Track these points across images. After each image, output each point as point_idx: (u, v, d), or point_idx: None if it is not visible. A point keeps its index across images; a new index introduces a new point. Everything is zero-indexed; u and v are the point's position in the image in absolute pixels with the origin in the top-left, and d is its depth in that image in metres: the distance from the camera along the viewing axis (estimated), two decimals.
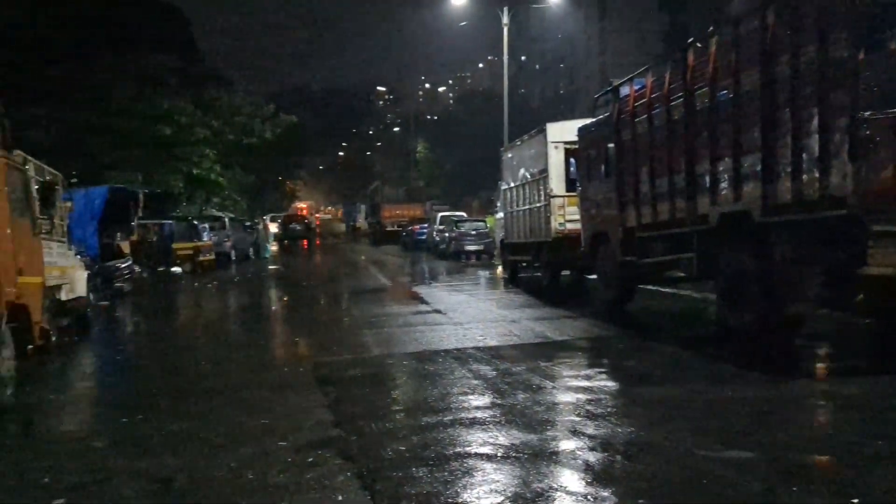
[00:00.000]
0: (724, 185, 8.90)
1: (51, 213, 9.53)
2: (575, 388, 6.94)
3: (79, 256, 13.96)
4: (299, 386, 7.65)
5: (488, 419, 5.90)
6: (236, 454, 5.37)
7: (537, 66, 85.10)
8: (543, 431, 5.58)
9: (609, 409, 6.11)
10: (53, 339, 10.79)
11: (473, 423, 5.84)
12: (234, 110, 40.00)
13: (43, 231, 10.09)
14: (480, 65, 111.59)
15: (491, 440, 5.35)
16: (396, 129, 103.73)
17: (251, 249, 32.36)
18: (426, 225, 40.72)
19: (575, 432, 5.53)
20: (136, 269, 22.44)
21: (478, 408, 6.31)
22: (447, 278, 22.99)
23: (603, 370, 7.76)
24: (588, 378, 7.37)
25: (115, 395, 8.16)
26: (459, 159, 66.08)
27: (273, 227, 46.09)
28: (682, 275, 10.82)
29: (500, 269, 21.91)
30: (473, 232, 30.99)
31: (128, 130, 32.03)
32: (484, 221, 32.69)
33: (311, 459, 5.16)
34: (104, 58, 31.44)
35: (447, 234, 31.97)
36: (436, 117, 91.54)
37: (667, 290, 14.47)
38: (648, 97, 10.72)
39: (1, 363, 6.94)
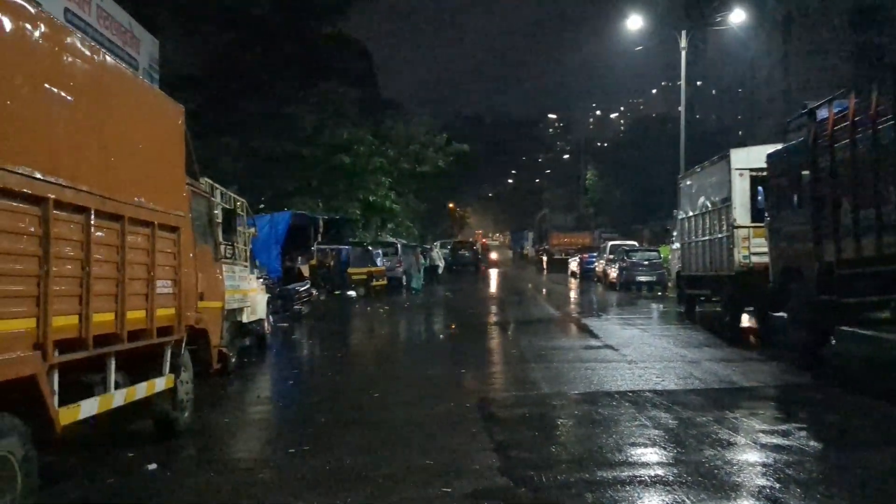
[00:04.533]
0: None
1: (232, 238, 9.85)
2: (770, 445, 6.18)
3: (261, 280, 14.50)
4: (465, 423, 7.36)
5: (672, 478, 5.32)
6: (399, 498, 5.13)
7: (714, 91, 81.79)
8: (737, 498, 4.94)
9: (814, 476, 5.36)
10: (233, 361, 11.21)
11: (655, 481, 5.28)
12: (408, 139, 40.97)
13: (225, 256, 10.48)
14: (654, 91, 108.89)
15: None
16: (566, 156, 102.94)
17: (403, 278, 32.67)
18: (594, 254, 39.74)
19: (775, 502, 4.84)
20: (314, 292, 23.26)
21: (659, 463, 5.74)
22: (618, 310, 22.16)
23: (801, 425, 6.90)
24: (785, 435, 6.56)
25: (285, 422, 8.21)
26: (630, 187, 64.38)
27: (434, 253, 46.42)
28: (891, 317, 9.62)
29: (675, 302, 20.81)
30: (646, 262, 29.81)
31: (311, 159, 33.53)
32: (657, 251, 31.40)
33: None
34: (294, 91, 33.13)
35: (618, 264, 30.95)
36: (606, 144, 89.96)
37: (866, 332, 13.02)
38: (852, 120, 9.68)
39: (180, 386, 7.10)
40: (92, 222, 5.23)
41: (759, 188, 13.76)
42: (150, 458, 6.30)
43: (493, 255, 70.72)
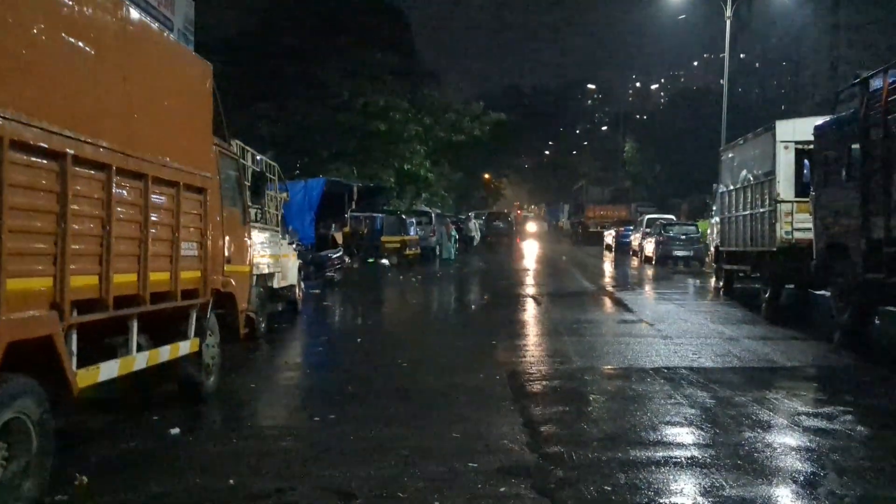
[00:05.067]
0: None
1: (262, 202, 9.70)
2: (813, 428, 5.89)
3: (293, 246, 14.41)
4: (494, 396, 7.17)
5: (709, 460, 5.07)
6: (425, 472, 4.95)
7: (757, 64, 79.87)
8: (780, 483, 4.69)
9: (861, 462, 5.08)
10: (262, 326, 11.13)
11: (692, 463, 5.04)
12: (444, 107, 40.54)
13: (254, 220, 10.35)
14: (695, 62, 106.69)
15: (714, 488, 4.56)
16: (604, 128, 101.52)
17: (437, 248, 32.45)
18: (631, 227, 39.18)
19: (819, 488, 4.59)
20: (347, 259, 23.19)
21: (696, 444, 5.49)
22: (653, 285, 21.79)
23: (846, 409, 6.57)
24: (829, 418, 6.25)
25: (311, 389, 8.10)
26: (669, 160, 63.32)
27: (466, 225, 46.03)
28: None
29: (713, 278, 20.37)
30: (683, 237, 29.24)
31: (346, 126, 33.32)
32: (695, 226, 30.79)
33: (503, 489, 4.63)
34: (331, 56, 32.89)
35: (654, 238, 30.41)
36: (645, 116, 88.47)
37: None
38: None
39: (205, 350, 6.99)
40: (113, 180, 5.08)
41: (805, 162, 13.27)
42: (173, 422, 6.20)
43: (528, 227, 70.30)
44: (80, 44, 4.76)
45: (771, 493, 4.56)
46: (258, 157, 11.98)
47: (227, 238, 7.64)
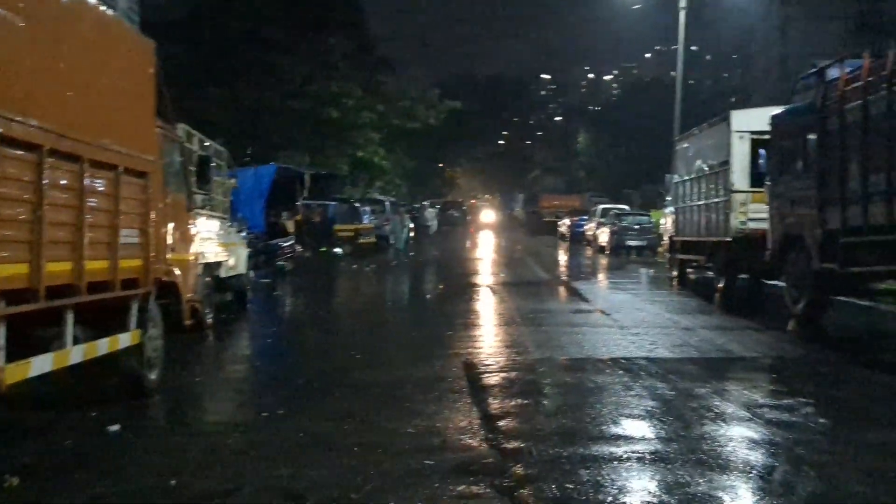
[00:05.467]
0: None
1: (208, 188, 9.34)
2: (777, 422, 5.78)
3: (242, 233, 14.02)
4: (451, 389, 6.94)
5: (673, 455, 4.93)
6: (378, 471, 4.72)
7: (708, 57, 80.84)
8: (745, 479, 4.56)
9: (827, 457, 4.97)
10: (210, 316, 10.76)
11: (655, 458, 4.89)
12: (399, 95, 40.14)
13: (201, 207, 9.98)
14: (647, 55, 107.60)
15: (679, 485, 4.40)
16: (558, 118, 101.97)
17: (391, 237, 32.16)
18: (585, 217, 39.34)
19: (787, 485, 4.48)
20: (298, 248, 22.75)
21: (658, 438, 5.34)
22: (608, 274, 21.84)
23: (808, 400, 6.50)
24: (791, 410, 6.16)
25: (260, 383, 7.79)
26: (622, 151, 63.88)
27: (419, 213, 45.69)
28: None
29: (667, 267, 20.45)
30: (637, 226, 29.43)
31: (298, 112, 32.70)
32: (648, 215, 31.01)
33: (460, 488, 4.41)
34: (283, 41, 32.19)
35: (608, 228, 30.53)
36: (598, 108, 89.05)
37: (863, 303, 12.70)
38: (865, 80, 9.21)
39: (147, 343, 6.66)
40: (44, 162, 4.74)
41: (760, 151, 13.28)
42: (114, 419, 5.85)
43: (483, 217, 70.22)
44: (8, 14, 4.41)
45: (737, 489, 4.43)
46: (206, 143, 11.58)
47: (170, 225, 7.31)
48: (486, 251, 32.61)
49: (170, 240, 7.31)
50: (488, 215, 72.67)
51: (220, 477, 4.69)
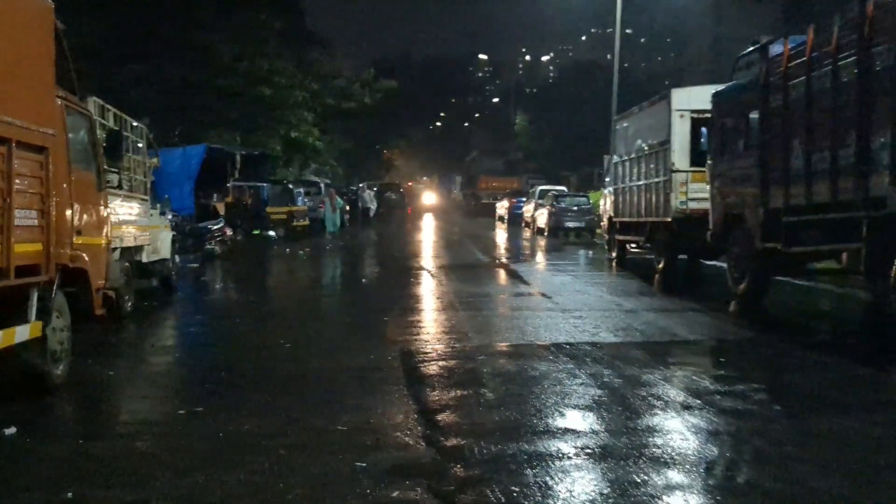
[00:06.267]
0: None
1: (119, 165, 8.64)
2: (730, 410, 5.48)
3: (166, 216, 13.28)
4: (387, 380, 6.49)
5: (625, 451, 4.57)
6: (304, 475, 4.26)
7: (642, 40, 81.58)
8: (707, 477, 4.24)
9: (785, 447, 4.68)
10: (129, 304, 10.09)
11: (606, 455, 4.52)
12: (334, 73, 39.22)
13: (117, 187, 9.29)
14: (583, 37, 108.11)
15: (635, 484, 4.04)
16: (496, 100, 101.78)
17: (323, 220, 31.46)
18: (523, 199, 39.23)
19: (748, 480, 4.17)
20: (229, 231, 21.91)
21: (609, 432, 4.98)
22: (547, 256, 21.62)
23: (759, 386, 6.24)
24: (743, 397, 5.88)
25: (179, 377, 7.20)
26: (559, 133, 64.03)
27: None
28: (841, 268, 9.16)
29: (605, 248, 20.32)
30: (575, 208, 29.37)
31: (228, 90, 31.57)
32: (586, 197, 30.97)
33: (395, 493, 3.98)
34: (208, 16, 30.99)
35: (547, 210, 30.40)
36: (535, 90, 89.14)
37: (802, 283, 12.68)
38: (809, 55, 9.01)
39: (51, 335, 6.03)
40: None
41: (702, 130, 13.09)
42: (10, 420, 5.24)
43: (421, 199, 69.78)
44: None
45: (697, 484, 4.10)
46: (125, 119, 10.83)
47: (76, 206, 6.63)
48: (423, 233, 32.17)
49: (77, 222, 6.64)
50: (428, 197, 72.29)
51: (125, 486, 4.16)
